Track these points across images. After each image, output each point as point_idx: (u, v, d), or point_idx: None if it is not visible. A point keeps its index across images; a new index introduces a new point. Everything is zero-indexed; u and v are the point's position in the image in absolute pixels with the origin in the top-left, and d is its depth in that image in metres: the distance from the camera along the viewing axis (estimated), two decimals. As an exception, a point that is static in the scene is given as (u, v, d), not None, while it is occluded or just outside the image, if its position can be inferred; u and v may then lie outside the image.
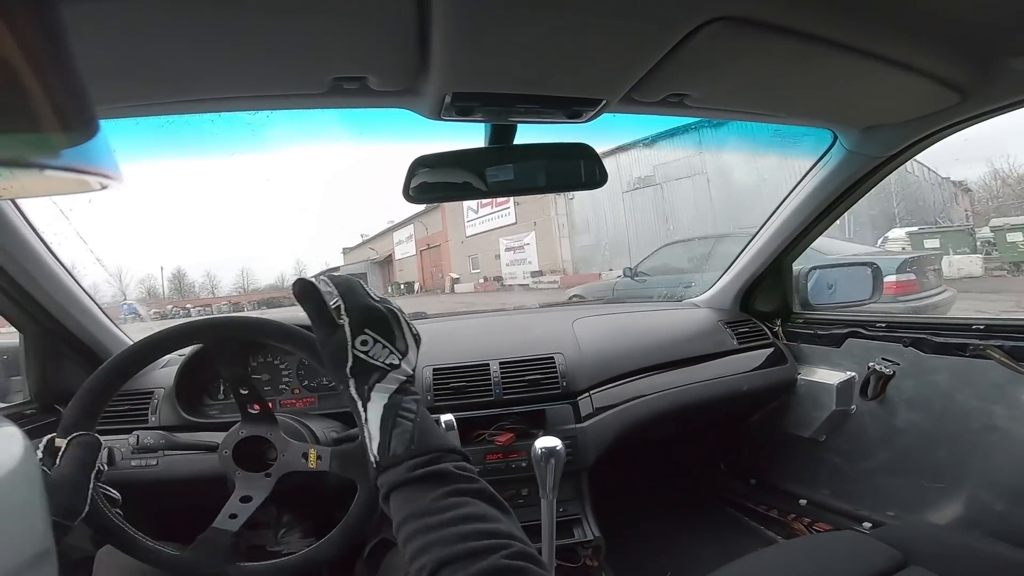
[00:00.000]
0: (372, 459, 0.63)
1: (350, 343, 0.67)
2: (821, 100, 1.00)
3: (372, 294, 0.73)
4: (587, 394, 1.38)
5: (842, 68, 0.82)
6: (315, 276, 0.72)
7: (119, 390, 0.94)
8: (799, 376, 1.63)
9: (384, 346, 0.68)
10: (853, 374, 1.53)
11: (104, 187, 0.28)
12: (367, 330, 0.68)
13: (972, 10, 0.70)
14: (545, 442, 1.07)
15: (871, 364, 1.46)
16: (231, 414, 1.27)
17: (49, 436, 0.85)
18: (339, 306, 0.70)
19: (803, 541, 1.26)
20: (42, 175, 0.25)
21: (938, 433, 1.35)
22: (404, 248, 25.19)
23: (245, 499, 0.95)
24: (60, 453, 0.83)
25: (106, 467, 0.90)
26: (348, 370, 0.67)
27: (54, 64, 0.25)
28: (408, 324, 0.73)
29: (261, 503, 0.95)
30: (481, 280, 19.36)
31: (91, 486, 0.82)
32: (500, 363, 1.36)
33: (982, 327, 1.25)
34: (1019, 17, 0.71)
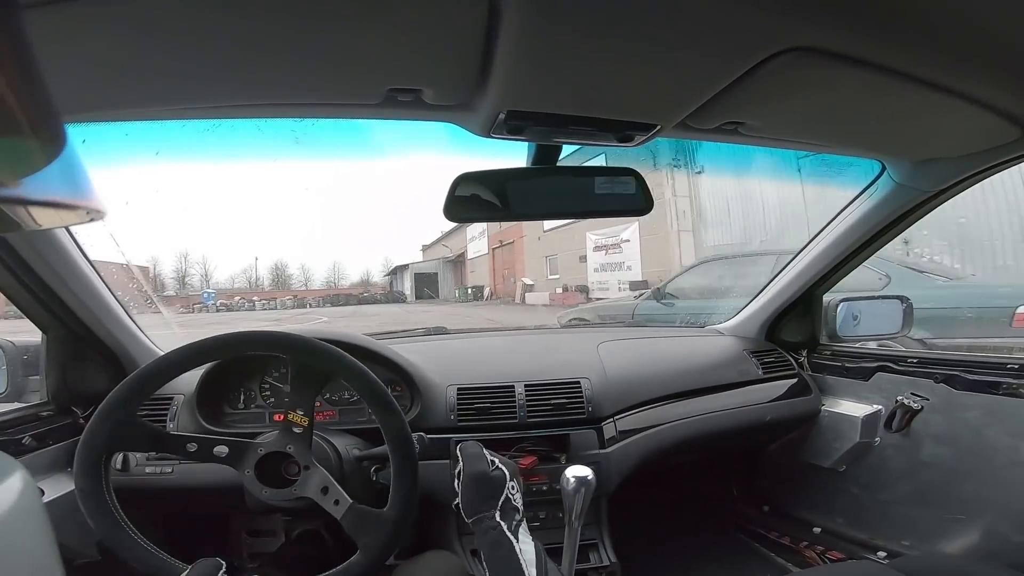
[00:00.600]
0: None
1: (508, 483, 0.88)
2: (879, 131, 0.98)
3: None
4: (611, 420, 1.36)
5: (906, 99, 0.80)
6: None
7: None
8: (823, 407, 1.61)
9: (520, 497, 0.89)
10: (880, 407, 1.51)
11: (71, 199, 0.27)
12: (516, 479, 0.90)
13: None
14: (577, 471, 1.05)
15: (899, 398, 1.44)
16: (251, 424, 1.25)
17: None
18: (494, 458, 0.93)
19: (818, 571, 1.23)
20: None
21: (962, 467, 1.33)
22: (477, 245, 22.13)
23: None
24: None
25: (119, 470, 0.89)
26: (500, 503, 0.85)
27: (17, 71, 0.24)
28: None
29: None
30: (559, 290, 15.23)
31: None
32: (526, 386, 1.33)
33: (1017, 367, 1.24)
34: None
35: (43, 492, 1.00)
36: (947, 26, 0.63)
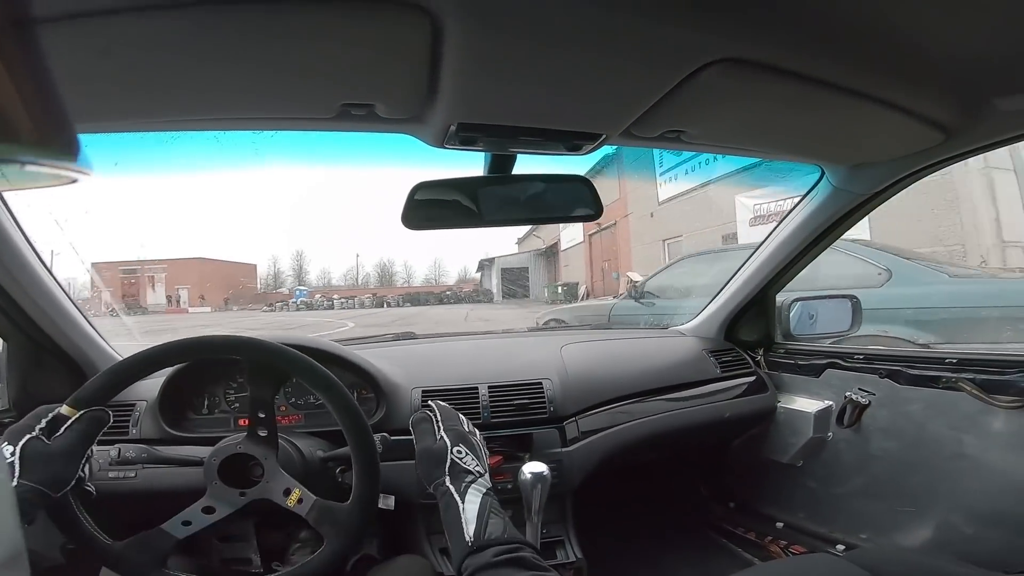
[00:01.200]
0: (467, 540, 0.78)
1: (449, 450, 0.92)
2: (811, 138, 1.03)
3: (466, 424, 1.02)
4: (573, 419, 1.39)
5: (833, 108, 0.85)
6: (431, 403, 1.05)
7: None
8: (779, 404, 1.67)
9: (473, 458, 0.93)
10: (831, 403, 1.56)
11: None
12: (461, 445, 0.94)
13: (959, 53, 0.73)
14: (533, 467, 1.09)
15: (848, 394, 1.49)
16: (216, 429, 1.26)
17: (59, 408, 0.87)
18: (440, 426, 0.97)
19: (779, 564, 1.28)
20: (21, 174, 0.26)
21: (910, 460, 1.39)
22: (571, 233, 18.91)
23: (208, 510, 0.95)
24: (67, 424, 0.87)
25: (87, 474, 0.91)
26: (447, 468, 0.90)
27: (33, 82, 0.27)
28: (486, 452, 1.00)
29: (221, 518, 0.94)
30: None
31: (85, 459, 0.89)
32: (489, 387, 1.36)
33: (955, 360, 1.30)
34: (1004, 59, 0.75)
35: None
36: (867, 36, 0.68)
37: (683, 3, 0.60)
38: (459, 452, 0.92)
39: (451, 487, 0.86)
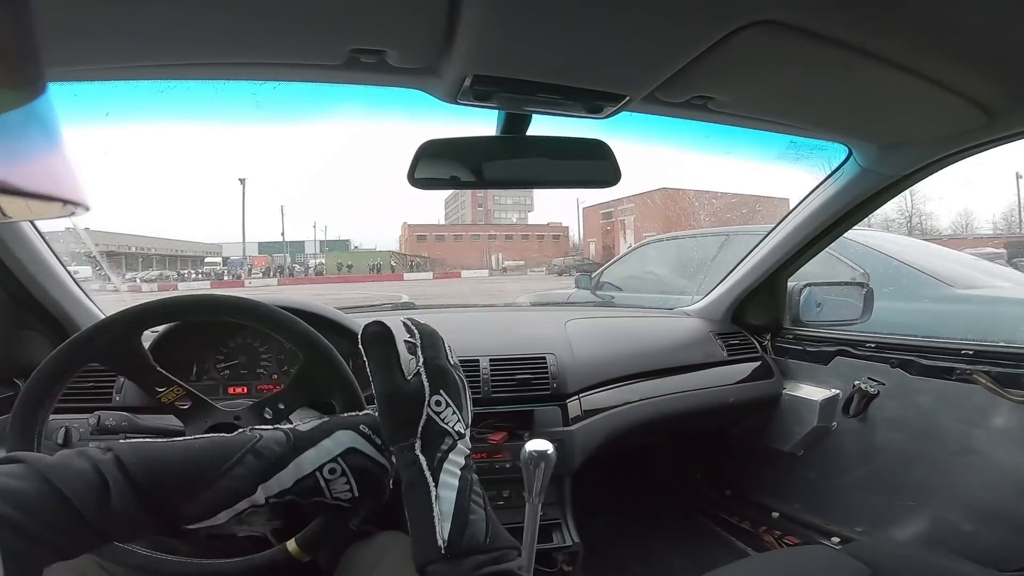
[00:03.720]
0: (439, 542, 0.58)
1: (427, 400, 0.64)
2: (846, 113, 0.98)
3: (451, 356, 0.69)
4: (576, 397, 1.36)
5: (874, 81, 0.80)
6: (402, 320, 0.70)
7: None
8: (784, 391, 1.65)
9: (454, 412, 0.65)
10: (837, 391, 1.55)
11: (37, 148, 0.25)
12: (442, 391, 0.65)
13: (1011, 30, 0.69)
14: (536, 445, 1.04)
15: (856, 383, 1.47)
16: (204, 396, 1.21)
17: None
18: (417, 357, 0.67)
19: (773, 555, 1.26)
20: None
21: (915, 453, 1.37)
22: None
23: None
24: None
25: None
26: (419, 428, 0.63)
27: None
28: (469, 396, 0.70)
29: None
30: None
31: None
32: (491, 360, 1.32)
33: (971, 352, 1.28)
34: None
35: None
36: (920, 8, 0.63)
37: None
38: (439, 403, 0.64)
39: (422, 457, 0.62)
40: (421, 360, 0.66)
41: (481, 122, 0.97)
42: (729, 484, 1.93)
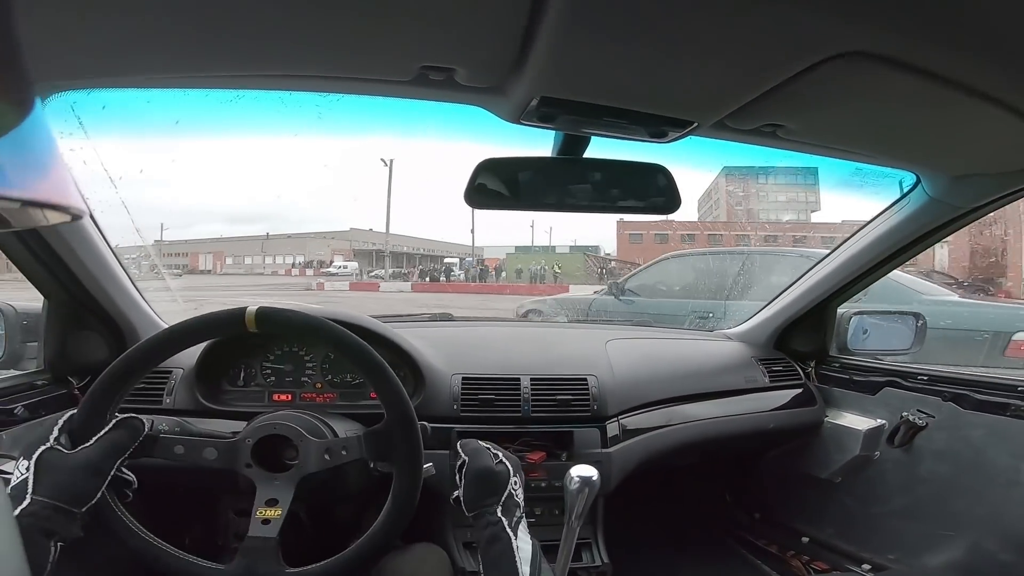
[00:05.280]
0: None
1: (511, 478, 0.88)
2: (921, 141, 0.95)
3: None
4: (616, 419, 1.34)
5: (957, 110, 0.77)
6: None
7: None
8: (826, 419, 1.60)
9: (521, 493, 0.89)
10: (883, 422, 1.50)
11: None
12: (518, 475, 0.90)
13: None
14: (582, 471, 1.03)
15: (905, 414, 1.43)
16: (249, 403, 1.22)
17: (71, 413, 0.80)
18: (498, 452, 0.92)
19: None
20: None
21: (959, 484, 1.34)
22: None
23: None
24: (101, 432, 0.79)
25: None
26: (502, 498, 0.85)
27: None
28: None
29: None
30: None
31: (110, 474, 0.79)
32: (532, 379, 1.31)
33: None
34: None
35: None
36: (1011, 38, 0.60)
37: None
38: (515, 484, 0.88)
39: (503, 519, 0.83)
40: (502, 454, 0.92)
41: (536, 142, 0.95)
42: (759, 507, 1.89)
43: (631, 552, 1.59)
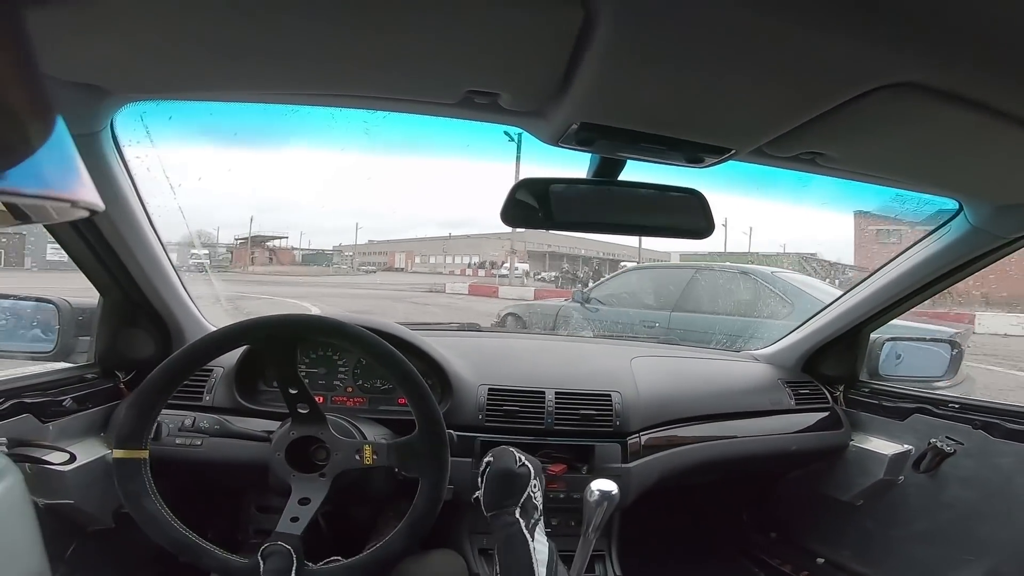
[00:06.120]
0: None
1: (531, 480, 0.91)
2: (966, 170, 0.93)
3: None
4: (637, 435, 1.34)
5: (1003, 140, 0.75)
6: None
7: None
8: (851, 442, 1.58)
9: (541, 496, 0.92)
10: (910, 448, 1.48)
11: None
12: (538, 479, 0.93)
13: None
14: (602, 485, 1.04)
15: (933, 440, 1.41)
16: (282, 403, 1.25)
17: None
18: (521, 456, 0.95)
19: None
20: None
21: (983, 510, 1.33)
22: None
23: (303, 501, 0.93)
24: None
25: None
26: (522, 499, 0.88)
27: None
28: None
29: (319, 503, 0.93)
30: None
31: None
32: (556, 393, 1.31)
33: None
34: None
35: (74, 457, 1.02)
36: None
37: (876, 17, 0.52)
38: (535, 487, 0.91)
39: (521, 520, 0.86)
40: (524, 457, 0.95)
41: (571, 163, 0.96)
42: (776, 527, 1.87)
43: (644, 566, 1.59)
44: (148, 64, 0.70)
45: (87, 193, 0.28)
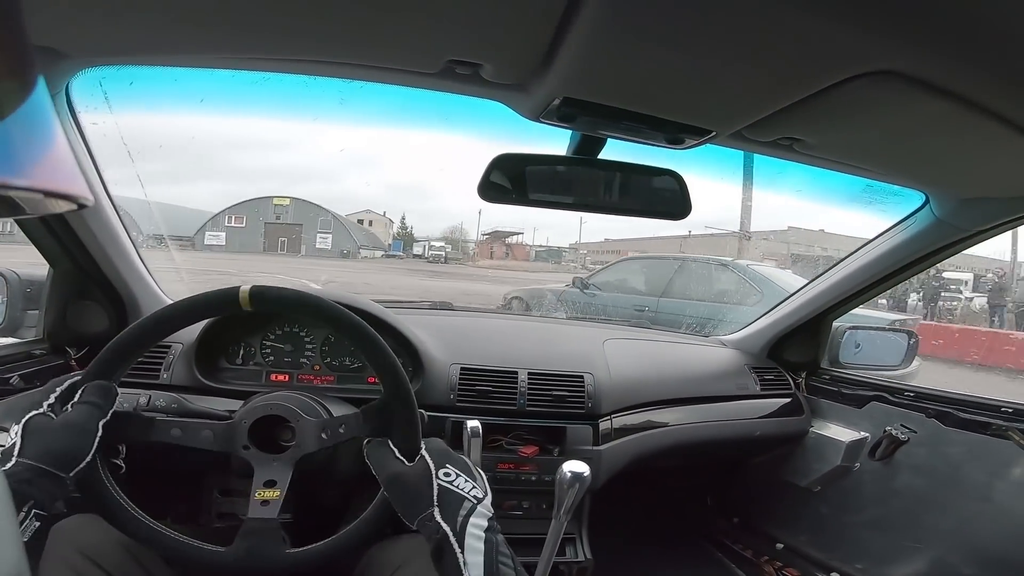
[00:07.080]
0: None
1: (433, 473, 0.73)
2: (935, 161, 0.95)
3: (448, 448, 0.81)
4: (608, 417, 1.35)
5: (977, 133, 0.77)
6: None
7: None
8: (811, 429, 1.63)
9: (467, 479, 0.73)
10: (867, 435, 1.53)
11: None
12: (448, 464, 0.74)
13: None
14: (574, 467, 1.04)
15: (888, 428, 1.46)
16: (247, 381, 1.22)
17: (70, 382, 0.79)
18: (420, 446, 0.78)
19: None
20: None
21: (932, 498, 1.37)
22: None
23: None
24: (75, 398, 0.77)
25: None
26: (435, 498, 0.70)
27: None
28: (481, 473, 0.79)
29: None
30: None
31: (98, 433, 0.75)
32: (529, 373, 1.31)
33: (1010, 410, 1.27)
34: None
35: None
36: None
37: (864, 2, 0.52)
38: (447, 474, 0.72)
39: (444, 525, 0.66)
40: (424, 448, 0.77)
41: (551, 140, 0.95)
42: (739, 512, 1.92)
43: (611, 549, 1.61)
44: (107, 25, 0.66)
45: (79, 186, 0.27)
